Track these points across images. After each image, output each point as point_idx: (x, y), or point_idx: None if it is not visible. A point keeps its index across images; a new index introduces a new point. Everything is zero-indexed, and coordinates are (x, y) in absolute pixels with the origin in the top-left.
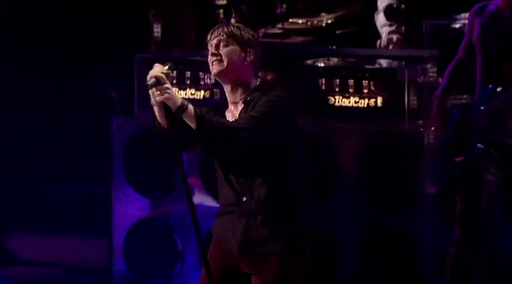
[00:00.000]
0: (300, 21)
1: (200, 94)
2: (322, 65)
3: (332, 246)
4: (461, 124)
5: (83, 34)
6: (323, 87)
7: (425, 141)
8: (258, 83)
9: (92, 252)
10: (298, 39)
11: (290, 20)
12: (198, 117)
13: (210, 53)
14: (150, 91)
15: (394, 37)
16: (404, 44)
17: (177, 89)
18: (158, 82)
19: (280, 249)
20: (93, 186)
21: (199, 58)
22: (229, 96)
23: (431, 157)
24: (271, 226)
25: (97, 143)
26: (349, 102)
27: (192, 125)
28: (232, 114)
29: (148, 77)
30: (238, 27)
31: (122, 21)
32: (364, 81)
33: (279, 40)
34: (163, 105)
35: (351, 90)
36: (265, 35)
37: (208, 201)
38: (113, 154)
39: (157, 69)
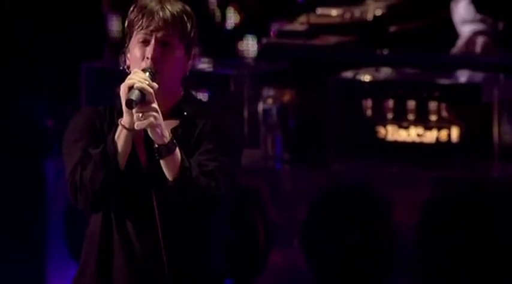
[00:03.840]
0: (334, 13)
1: None
2: (367, 78)
3: None
4: None
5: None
6: (369, 113)
7: None
8: (183, 93)
9: None
10: (331, 39)
11: (318, 11)
12: (184, 167)
13: (148, 48)
14: (129, 111)
15: (481, 39)
16: (494, 48)
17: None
18: (143, 98)
19: None
20: (18, 263)
21: None
22: None
23: None
24: None
25: (25, 197)
26: (409, 136)
27: (169, 174)
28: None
29: (125, 88)
30: (183, 10)
31: (62, 16)
32: (431, 104)
33: (301, 41)
34: (145, 135)
35: (411, 118)
36: (281, 34)
37: None
38: (49, 213)
39: (141, 77)
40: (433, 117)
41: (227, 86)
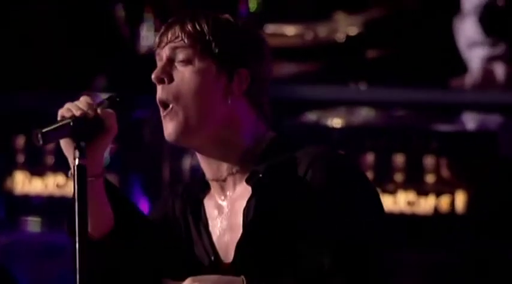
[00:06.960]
0: (291, 31)
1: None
2: (337, 123)
3: None
4: None
5: None
6: None
7: None
8: (271, 138)
9: None
10: (287, 68)
11: (270, 29)
12: None
13: (154, 72)
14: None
15: (499, 68)
16: None
17: (26, 174)
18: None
19: None
20: None
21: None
22: (206, 170)
23: None
24: None
25: None
26: (395, 203)
27: None
28: (219, 210)
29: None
30: (218, 20)
31: None
32: (427, 159)
33: None
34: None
35: (399, 178)
36: None
37: None
38: None
39: (76, 104)
40: (430, 178)
41: (139, 132)
